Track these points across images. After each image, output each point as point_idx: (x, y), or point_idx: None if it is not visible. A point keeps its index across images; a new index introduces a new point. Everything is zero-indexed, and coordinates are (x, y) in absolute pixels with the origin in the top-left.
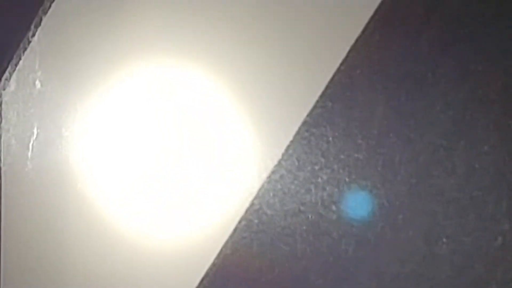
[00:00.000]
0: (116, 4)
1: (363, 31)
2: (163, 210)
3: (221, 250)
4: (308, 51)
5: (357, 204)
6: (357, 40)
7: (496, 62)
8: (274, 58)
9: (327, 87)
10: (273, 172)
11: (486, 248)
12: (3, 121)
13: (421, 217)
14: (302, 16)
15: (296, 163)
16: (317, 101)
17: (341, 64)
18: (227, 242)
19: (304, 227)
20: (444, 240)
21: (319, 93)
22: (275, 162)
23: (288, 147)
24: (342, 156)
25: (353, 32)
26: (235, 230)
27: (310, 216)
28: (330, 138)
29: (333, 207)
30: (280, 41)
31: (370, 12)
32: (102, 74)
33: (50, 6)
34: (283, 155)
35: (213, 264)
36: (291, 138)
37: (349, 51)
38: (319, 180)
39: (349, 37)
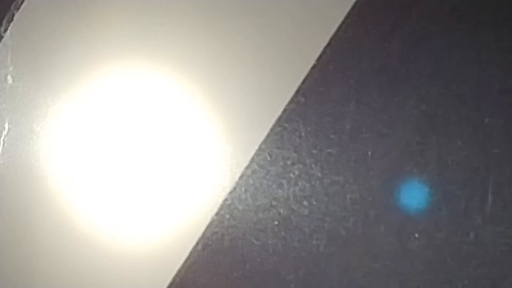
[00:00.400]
0: (91, 1)
1: (338, 28)
2: (135, 207)
3: (193, 246)
4: (283, 47)
5: (329, 199)
6: (332, 37)
7: (470, 58)
8: (249, 54)
9: (302, 83)
10: (246, 168)
11: (458, 244)
12: None
13: (393, 212)
14: (277, 12)
15: (269, 158)
16: (291, 97)
17: (316, 60)
18: (199, 238)
19: (276, 222)
20: (416, 235)
21: (294, 89)
22: (248, 158)
23: (262, 142)
24: (314, 151)
25: (328, 28)
26: (207, 226)
27: (282, 211)
28: (303, 133)
29: (305, 202)
30: (255, 36)
31: (346, 8)
32: (75, 70)
33: (22, 1)
34: (256, 150)
35: (185, 261)
36: (265, 134)
37: (325, 48)
38: (291, 175)
39: (324, 33)
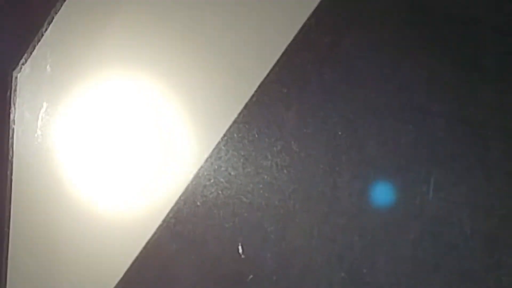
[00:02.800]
0: (113, 8)
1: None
2: (120, 184)
3: (165, 218)
4: (240, 56)
5: (305, 168)
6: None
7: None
8: (218, 55)
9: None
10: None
11: (404, 208)
12: (19, 97)
13: (356, 180)
14: (239, 21)
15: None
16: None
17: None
18: (170, 211)
19: (261, 185)
20: (372, 197)
21: (247, 98)
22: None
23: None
24: (295, 131)
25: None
26: (176, 202)
27: (265, 177)
28: (285, 117)
29: (285, 171)
30: (221, 43)
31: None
32: (99, 63)
33: (60, 7)
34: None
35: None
36: (227, 127)
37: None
38: (275, 148)
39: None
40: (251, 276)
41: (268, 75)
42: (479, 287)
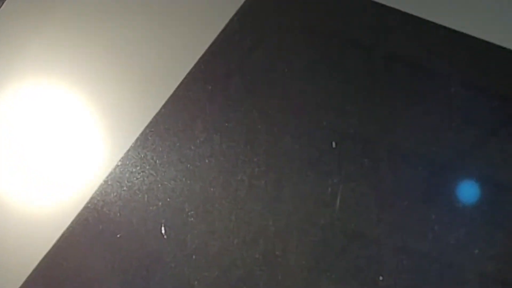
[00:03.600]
0: (48, 13)
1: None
2: (37, 181)
3: (91, 200)
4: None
5: (225, 159)
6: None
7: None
8: (129, 65)
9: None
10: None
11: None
12: None
13: (271, 170)
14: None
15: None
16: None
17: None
18: (98, 194)
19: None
20: (286, 186)
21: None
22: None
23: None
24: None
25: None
26: (103, 186)
27: (188, 166)
28: (208, 112)
29: (207, 160)
30: (134, 52)
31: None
32: (34, 60)
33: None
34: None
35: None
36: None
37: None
38: (198, 141)
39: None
40: (172, 255)
41: (193, 71)
42: (383, 270)
